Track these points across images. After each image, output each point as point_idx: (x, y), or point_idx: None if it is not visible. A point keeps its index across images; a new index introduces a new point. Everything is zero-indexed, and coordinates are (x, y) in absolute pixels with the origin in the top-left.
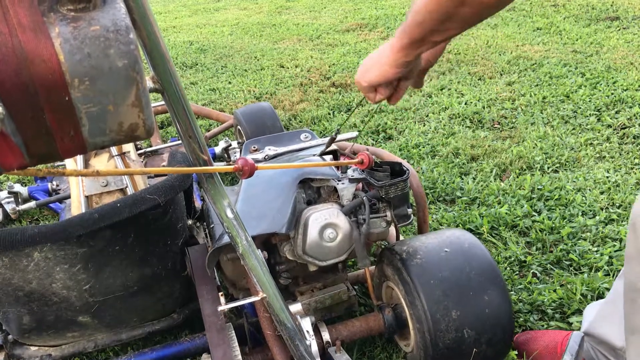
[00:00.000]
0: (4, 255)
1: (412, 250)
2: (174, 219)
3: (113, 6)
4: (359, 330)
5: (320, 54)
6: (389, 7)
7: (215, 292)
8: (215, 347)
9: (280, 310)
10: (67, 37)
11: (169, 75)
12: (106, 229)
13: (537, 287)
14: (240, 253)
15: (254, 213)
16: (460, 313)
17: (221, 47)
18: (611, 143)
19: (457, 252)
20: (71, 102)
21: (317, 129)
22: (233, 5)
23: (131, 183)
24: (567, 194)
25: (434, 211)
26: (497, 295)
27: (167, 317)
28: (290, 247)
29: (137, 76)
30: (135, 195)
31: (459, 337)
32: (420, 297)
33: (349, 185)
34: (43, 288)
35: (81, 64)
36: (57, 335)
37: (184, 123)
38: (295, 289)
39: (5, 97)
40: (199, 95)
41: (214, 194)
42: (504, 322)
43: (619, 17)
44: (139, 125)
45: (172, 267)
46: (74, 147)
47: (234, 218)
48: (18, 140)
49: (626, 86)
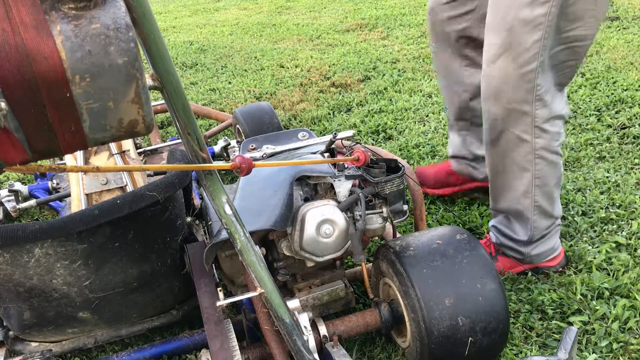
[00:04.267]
0: (5, 251)
1: (405, 244)
2: (174, 216)
3: (113, 4)
4: (355, 325)
5: (320, 54)
6: (389, 7)
7: (213, 287)
8: (212, 339)
9: (278, 306)
10: (69, 34)
11: (168, 72)
12: (106, 225)
13: (537, 287)
14: (239, 249)
15: (252, 210)
16: (453, 301)
17: (221, 47)
18: (611, 143)
19: (449, 243)
20: (72, 98)
21: (317, 129)
22: (233, 5)
23: (131, 181)
24: (567, 193)
25: (434, 211)
26: (490, 284)
27: (166, 314)
28: (288, 243)
29: (137, 73)
30: (135, 192)
31: (454, 325)
32: (413, 286)
33: (345, 182)
34: (44, 284)
35: (82, 61)
36: (58, 331)
37: (183, 121)
38: (293, 286)
39: (7, 93)
40: (199, 95)
41: (212, 191)
42: (498, 311)
43: (619, 17)
44: (138, 122)
45: (172, 263)
46: (75, 143)
47: (232, 214)
48: (20, 136)
49: (626, 86)
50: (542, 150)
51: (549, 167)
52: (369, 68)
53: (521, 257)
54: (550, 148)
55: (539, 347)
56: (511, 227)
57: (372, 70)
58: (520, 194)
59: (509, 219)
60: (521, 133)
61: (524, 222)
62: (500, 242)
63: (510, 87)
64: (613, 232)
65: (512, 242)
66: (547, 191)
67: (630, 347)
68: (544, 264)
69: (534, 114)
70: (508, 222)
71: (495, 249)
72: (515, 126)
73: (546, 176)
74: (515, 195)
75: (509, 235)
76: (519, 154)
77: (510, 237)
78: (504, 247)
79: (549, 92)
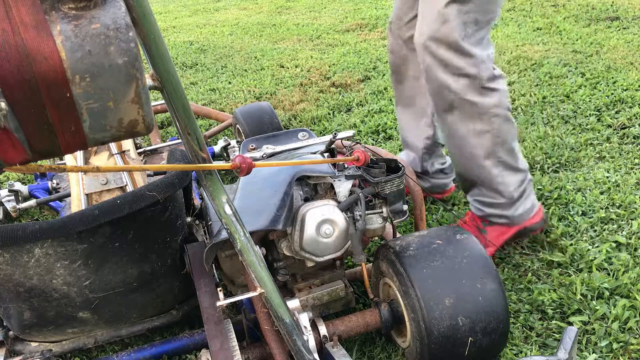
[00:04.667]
0: (5, 251)
1: (405, 244)
2: (173, 216)
3: (113, 5)
4: (355, 325)
5: (320, 54)
6: (389, 7)
7: (213, 287)
8: (212, 339)
9: (278, 306)
10: (69, 34)
11: (168, 72)
12: (106, 225)
13: (537, 287)
14: (239, 249)
15: (252, 210)
16: (453, 300)
17: (221, 47)
18: (611, 143)
19: (449, 243)
20: (72, 98)
21: (317, 129)
22: (233, 5)
23: (131, 181)
24: (567, 194)
25: (434, 211)
26: (489, 284)
27: (166, 314)
28: (288, 243)
29: (137, 73)
30: (135, 192)
31: (454, 325)
32: (413, 286)
33: (345, 182)
34: (44, 284)
35: (82, 61)
36: (58, 331)
37: (183, 121)
38: (293, 286)
39: (8, 93)
40: (199, 95)
41: (212, 191)
42: (498, 311)
43: (619, 17)
44: (138, 122)
45: (172, 263)
46: (75, 143)
47: (232, 214)
48: (20, 136)
49: (626, 86)
50: (495, 108)
51: (505, 124)
52: (369, 68)
53: (509, 221)
54: (503, 105)
55: (539, 347)
56: (490, 194)
57: (372, 70)
58: (484, 156)
59: (483, 185)
60: (472, 97)
61: (497, 183)
62: (484, 213)
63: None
64: (613, 231)
65: (496, 208)
66: (508, 148)
67: (630, 347)
68: (529, 222)
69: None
70: (486, 190)
71: (481, 221)
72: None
73: (504, 133)
74: (480, 159)
75: (492, 202)
76: (475, 117)
77: (493, 203)
78: (491, 216)
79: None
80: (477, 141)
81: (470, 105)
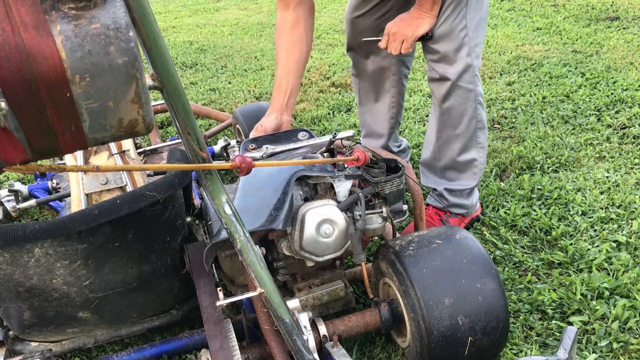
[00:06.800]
0: (5, 251)
1: (404, 243)
2: (173, 215)
3: (113, 5)
4: (355, 325)
5: (320, 54)
6: None
7: (213, 287)
8: (212, 339)
9: (278, 305)
10: (69, 34)
11: (168, 72)
12: (106, 225)
13: (537, 287)
14: (239, 249)
15: (252, 210)
16: (453, 300)
17: (221, 47)
18: (611, 143)
19: (449, 243)
20: (72, 98)
21: (317, 129)
22: (233, 5)
23: (131, 181)
24: (567, 193)
25: None
26: (489, 283)
27: (166, 314)
28: (288, 243)
29: (137, 73)
30: (135, 192)
31: (454, 325)
32: (413, 286)
33: (345, 182)
34: (44, 284)
35: (82, 61)
36: (58, 331)
37: (183, 121)
38: (293, 286)
39: (8, 93)
40: (199, 95)
41: (212, 190)
42: (498, 311)
43: (619, 17)
44: (138, 121)
45: (172, 263)
46: (75, 143)
47: (232, 214)
48: (20, 136)
49: (626, 86)
50: (480, 96)
51: (482, 110)
52: None
53: (465, 211)
54: (482, 93)
55: (539, 347)
56: (460, 181)
57: None
58: (468, 139)
59: (456, 171)
60: (467, 84)
61: (472, 166)
62: (448, 202)
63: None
64: (613, 231)
65: (459, 197)
66: (485, 132)
67: (630, 347)
68: (475, 214)
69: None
70: (457, 174)
71: (444, 214)
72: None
73: (483, 118)
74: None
75: (457, 189)
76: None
77: (458, 190)
78: (452, 206)
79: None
80: (465, 124)
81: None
